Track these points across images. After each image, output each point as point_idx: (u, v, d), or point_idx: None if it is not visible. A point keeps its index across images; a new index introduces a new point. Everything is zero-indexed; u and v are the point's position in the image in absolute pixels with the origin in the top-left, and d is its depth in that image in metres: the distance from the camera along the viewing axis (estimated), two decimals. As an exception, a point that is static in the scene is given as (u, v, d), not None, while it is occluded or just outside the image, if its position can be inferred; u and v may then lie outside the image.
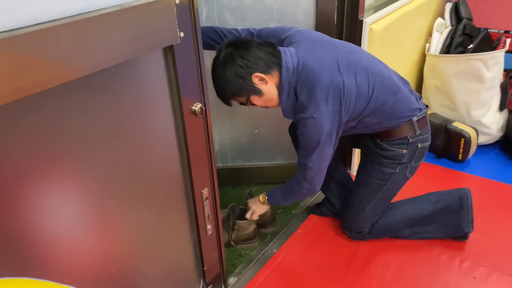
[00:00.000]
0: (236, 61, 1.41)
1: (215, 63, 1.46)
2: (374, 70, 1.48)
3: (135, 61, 0.98)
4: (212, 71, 1.48)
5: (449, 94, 2.38)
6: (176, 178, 1.22)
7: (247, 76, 1.42)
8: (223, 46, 1.45)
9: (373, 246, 1.76)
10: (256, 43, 1.44)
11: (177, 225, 1.29)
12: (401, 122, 1.54)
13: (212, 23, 1.73)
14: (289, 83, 1.44)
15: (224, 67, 1.42)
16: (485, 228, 1.82)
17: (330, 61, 1.43)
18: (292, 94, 1.46)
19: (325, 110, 1.40)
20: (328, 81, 1.40)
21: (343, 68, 1.43)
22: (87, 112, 0.90)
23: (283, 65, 1.43)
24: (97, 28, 0.82)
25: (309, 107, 1.41)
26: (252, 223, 1.78)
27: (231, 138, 2.05)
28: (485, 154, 2.36)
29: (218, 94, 1.51)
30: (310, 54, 1.45)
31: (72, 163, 0.90)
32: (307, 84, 1.42)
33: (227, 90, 1.46)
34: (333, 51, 1.47)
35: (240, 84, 1.43)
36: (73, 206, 0.94)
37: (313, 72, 1.41)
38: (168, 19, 0.99)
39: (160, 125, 1.11)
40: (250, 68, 1.41)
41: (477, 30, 2.45)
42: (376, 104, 1.48)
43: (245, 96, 1.47)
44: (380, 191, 1.67)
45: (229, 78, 1.42)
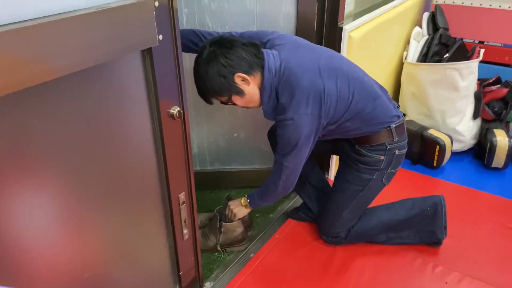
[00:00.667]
0: (219, 60, 1.41)
1: (198, 60, 1.45)
2: (354, 76, 1.50)
3: (113, 63, 0.97)
4: (195, 69, 1.47)
5: (425, 102, 2.42)
6: (152, 182, 1.20)
7: (229, 76, 1.42)
8: (207, 44, 1.45)
9: (349, 251, 1.78)
10: (240, 43, 1.44)
11: (153, 230, 1.27)
12: (380, 128, 1.56)
13: (192, 26, 1.72)
14: (271, 85, 1.45)
15: (207, 65, 1.42)
16: (458, 233, 1.86)
17: (311, 65, 1.45)
18: (274, 96, 1.46)
19: (304, 113, 1.41)
20: (309, 84, 1.41)
21: (324, 72, 1.44)
22: (61, 114, 0.88)
23: (265, 67, 1.43)
24: (73, 29, 0.81)
25: (289, 109, 1.42)
26: (239, 225, 1.76)
27: (210, 141, 2.04)
28: (459, 161, 2.41)
29: (199, 92, 1.51)
30: (293, 57, 1.46)
31: (44, 167, 0.88)
32: (288, 86, 1.42)
33: (209, 89, 1.46)
34: (314, 56, 1.49)
35: (222, 83, 1.43)
36: (44, 211, 0.92)
37: (294, 74, 1.42)
38: (147, 22, 0.98)
39: (137, 128, 1.10)
40: (232, 67, 1.41)
41: (453, 40, 2.51)
42: (356, 109, 1.49)
43: (227, 96, 1.47)
44: (357, 197, 1.68)
45: (212, 76, 1.42)
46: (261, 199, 1.67)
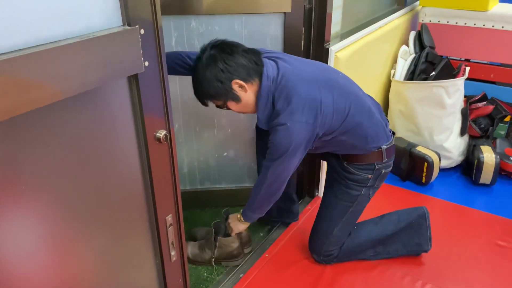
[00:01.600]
0: (218, 65, 1.42)
1: (197, 63, 1.46)
2: (350, 90, 1.53)
3: (99, 89, 0.98)
4: (193, 70, 1.48)
5: (413, 119, 2.46)
6: (139, 204, 1.21)
7: (226, 82, 1.43)
8: (208, 46, 1.46)
9: (338, 269, 1.78)
10: (241, 49, 1.45)
11: (140, 252, 1.28)
12: (372, 148, 1.59)
13: (182, 48, 1.75)
14: (268, 92, 1.45)
15: (206, 68, 1.43)
16: (447, 250, 1.87)
17: (309, 76, 1.47)
18: (270, 103, 1.47)
19: (299, 120, 1.41)
20: (306, 93, 1.42)
21: (321, 84, 1.46)
22: (47, 139, 0.90)
23: (264, 74, 1.45)
24: (59, 59, 0.83)
25: (284, 115, 1.42)
26: (235, 240, 1.77)
27: (200, 160, 2.05)
28: (447, 178, 2.44)
29: (195, 94, 1.52)
30: (290, 67, 1.48)
31: (30, 191, 0.89)
32: (285, 94, 1.43)
33: (205, 92, 1.47)
34: (311, 68, 1.52)
35: (218, 87, 1.44)
36: (30, 233, 0.92)
37: (292, 83, 1.43)
38: (133, 49, 1.00)
39: (124, 152, 1.11)
40: (230, 73, 1.42)
41: (439, 58, 2.55)
42: (352, 123, 1.51)
43: (222, 100, 1.48)
44: (347, 213, 1.70)
45: (209, 80, 1.43)
46: (252, 210, 1.66)
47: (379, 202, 1.79)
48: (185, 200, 1.49)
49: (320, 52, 1.89)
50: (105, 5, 0.94)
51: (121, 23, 0.98)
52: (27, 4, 0.77)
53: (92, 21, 0.91)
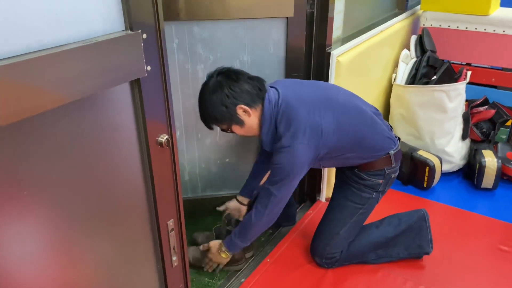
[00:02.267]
0: (223, 90, 1.49)
1: (204, 88, 1.53)
2: (351, 106, 1.57)
3: (101, 94, 0.98)
4: (200, 94, 1.55)
5: (414, 123, 2.46)
6: (140, 209, 1.20)
7: (231, 106, 1.49)
8: (214, 73, 1.53)
9: (340, 273, 1.78)
10: (246, 76, 1.53)
11: (142, 257, 1.27)
12: (380, 155, 1.62)
13: (183, 54, 1.73)
14: (270, 115, 1.51)
15: (212, 93, 1.50)
16: (448, 255, 1.86)
17: (308, 99, 1.53)
18: (273, 126, 1.53)
19: (301, 142, 1.46)
20: (306, 116, 1.48)
21: (321, 105, 1.51)
22: (49, 144, 0.89)
23: (266, 99, 1.51)
24: (61, 64, 0.82)
25: (286, 137, 1.47)
26: None
27: (202, 167, 2.04)
28: (448, 182, 2.43)
29: (201, 118, 1.59)
30: (290, 91, 1.55)
31: (31, 196, 0.88)
32: (286, 117, 1.49)
33: (211, 116, 1.54)
34: (310, 90, 1.58)
35: (224, 112, 1.50)
36: (31, 239, 0.92)
37: (292, 106, 1.49)
38: (135, 54, 1.00)
39: (125, 156, 1.10)
40: (235, 99, 1.49)
41: (440, 62, 2.55)
42: (356, 138, 1.55)
43: (227, 124, 1.55)
44: (356, 214, 1.71)
45: (215, 104, 1.50)
46: (242, 237, 1.62)
47: (381, 206, 1.78)
48: (187, 208, 1.49)
49: (321, 57, 1.89)
50: (107, 10, 0.94)
51: (123, 28, 0.98)
52: (28, 9, 0.77)
53: (94, 25, 0.91)
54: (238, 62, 1.81)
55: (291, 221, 2.07)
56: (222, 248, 1.68)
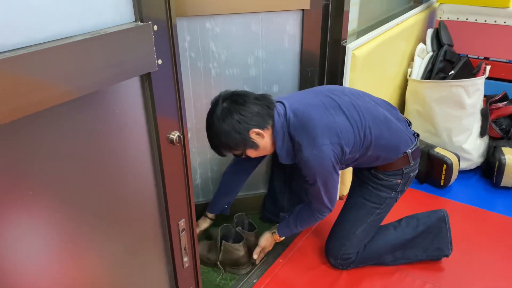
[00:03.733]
0: (233, 117, 1.43)
1: (212, 116, 1.47)
2: (359, 104, 1.51)
3: (110, 89, 0.93)
4: (208, 124, 1.50)
5: (430, 120, 2.38)
6: (151, 209, 1.16)
7: (244, 132, 1.44)
8: (219, 99, 1.47)
9: (355, 275, 1.72)
10: (252, 97, 1.47)
11: (152, 258, 1.23)
12: (399, 154, 1.57)
13: (195, 51, 1.67)
14: (282, 127, 1.47)
15: (222, 122, 1.44)
16: (467, 256, 1.80)
17: (315, 102, 1.49)
18: (287, 137, 1.48)
19: (323, 143, 1.41)
20: (319, 118, 1.44)
21: (329, 106, 1.47)
22: (57, 142, 0.85)
23: (275, 113, 1.47)
24: (68, 56, 0.78)
25: (306, 145, 1.43)
26: (240, 248, 1.71)
27: (214, 170, 1.97)
28: (466, 180, 2.36)
29: (212, 146, 1.55)
30: (295, 100, 1.51)
31: (39, 195, 0.84)
32: (300, 125, 1.45)
33: (223, 144, 1.49)
34: (314, 94, 1.54)
35: (237, 139, 1.45)
36: (39, 240, 0.88)
37: (302, 113, 1.45)
38: (146, 47, 0.95)
39: (135, 154, 1.06)
40: (247, 124, 1.44)
41: (457, 56, 2.48)
42: (371, 136, 1.49)
43: (241, 150, 1.49)
44: (373, 214, 1.66)
45: (227, 132, 1.44)
46: (299, 227, 1.68)
47: (397, 205, 1.72)
48: (198, 212, 1.44)
49: (336, 50, 1.83)
50: (117, 0, 0.89)
51: (133, 19, 0.93)
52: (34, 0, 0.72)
53: (103, 17, 0.86)
54: (252, 58, 1.75)
55: None
56: (275, 232, 1.71)
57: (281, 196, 1.96)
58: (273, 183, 1.97)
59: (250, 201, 2.08)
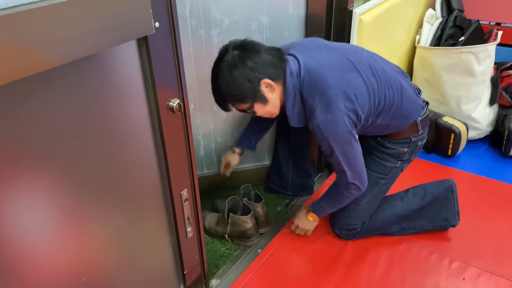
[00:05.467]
0: (246, 64, 1.33)
1: (220, 64, 1.36)
2: (379, 70, 1.44)
3: (106, 54, 0.89)
4: (215, 74, 1.38)
5: (439, 88, 2.32)
6: (153, 178, 1.13)
7: (256, 81, 1.34)
8: (229, 47, 1.36)
9: (361, 245, 1.71)
10: (265, 48, 1.37)
11: (155, 228, 1.21)
12: (409, 122, 1.51)
13: (196, 18, 1.60)
14: (294, 88, 1.38)
15: (233, 69, 1.33)
16: (475, 226, 1.78)
17: (331, 62, 1.39)
18: (298, 100, 1.39)
19: (338, 109, 1.33)
20: (335, 81, 1.34)
21: (346, 68, 1.38)
22: (52, 109, 0.82)
23: (287, 71, 1.37)
24: (59, 18, 0.73)
25: (319, 109, 1.34)
26: (247, 220, 1.69)
27: (217, 141, 1.93)
28: (474, 150, 2.32)
29: (217, 98, 1.43)
30: (310, 57, 1.40)
31: (36, 165, 0.82)
32: (314, 87, 1.35)
33: (232, 94, 1.37)
34: (331, 54, 1.43)
35: (247, 89, 1.34)
36: (39, 211, 0.86)
37: (317, 74, 1.36)
38: (141, 8, 0.90)
39: (135, 123, 1.03)
40: (260, 73, 1.34)
41: (468, 22, 2.39)
42: (384, 103, 1.43)
43: (249, 103, 1.39)
44: (378, 185, 1.63)
45: (237, 80, 1.33)
46: (333, 206, 1.61)
47: (403, 176, 1.69)
48: (203, 185, 1.40)
49: (343, 15, 1.76)
50: (109, -43, 0.83)
51: (128, -21, 0.88)
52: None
53: (95, -25, 0.81)
54: (256, 24, 1.68)
55: (309, 191, 2.00)
56: (309, 211, 1.66)
57: (285, 168, 1.93)
58: (278, 154, 1.94)
59: (255, 173, 2.06)
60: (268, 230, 1.79)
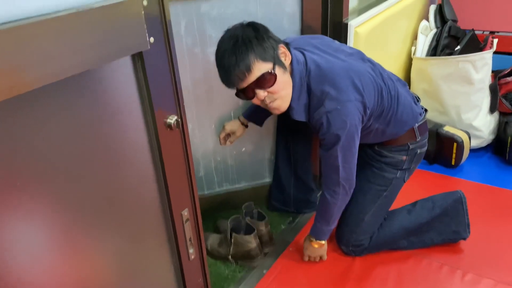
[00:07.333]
0: (265, 27, 1.33)
1: (236, 30, 1.31)
2: (378, 68, 1.45)
3: (100, 70, 0.87)
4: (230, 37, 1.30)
5: (438, 98, 2.31)
6: (152, 199, 1.10)
7: (274, 44, 1.31)
8: (238, 26, 1.33)
9: (369, 260, 1.66)
10: None
11: (155, 250, 1.17)
12: (405, 128, 1.49)
13: (192, 36, 1.59)
14: (300, 78, 1.35)
15: (251, 27, 1.30)
16: (485, 236, 1.73)
17: (337, 55, 1.40)
18: (304, 91, 1.36)
19: (348, 99, 1.31)
20: (344, 71, 1.33)
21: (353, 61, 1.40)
22: (44, 129, 0.79)
23: (293, 58, 1.34)
24: (51, 34, 0.71)
25: (329, 99, 1.31)
26: (251, 240, 1.64)
27: (217, 160, 1.90)
28: (477, 158, 2.29)
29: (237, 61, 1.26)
30: (315, 54, 1.39)
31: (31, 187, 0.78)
32: (323, 76, 1.33)
33: (254, 49, 1.26)
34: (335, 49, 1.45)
35: (269, 44, 1.29)
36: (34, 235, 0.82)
37: (325, 65, 1.35)
38: (136, 23, 0.88)
39: (132, 141, 1.00)
40: (275, 40, 1.32)
41: (462, 32, 2.39)
42: (384, 104, 1.42)
43: (271, 62, 1.29)
44: (380, 197, 1.59)
45: (259, 37, 1.28)
46: (327, 222, 1.54)
47: (407, 188, 1.66)
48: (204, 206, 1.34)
49: (338, 28, 1.75)
50: (101, -27, 0.82)
51: (121, -6, 0.86)
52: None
53: (88, -8, 0.80)
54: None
55: (312, 207, 1.96)
56: (310, 238, 1.60)
57: (287, 183, 1.89)
58: (278, 170, 1.91)
59: (256, 191, 2.02)
60: (272, 249, 1.74)
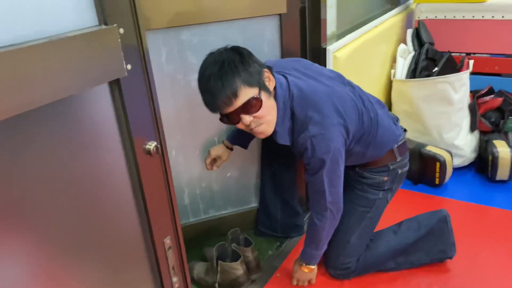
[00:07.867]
0: (250, 53, 1.33)
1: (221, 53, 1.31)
2: (358, 92, 1.47)
3: (77, 98, 0.87)
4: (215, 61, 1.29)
5: (419, 118, 2.34)
6: (133, 227, 1.08)
7: (259, 68, 1.31)
8: (222, 50, 1.33)
9: (357, 283, 1.64)
10: None
11: (138, 281, 1.14)
12: (384, 150, 1.50)
13: (174, 64, 1.61)
14: (284, 102, 1.36)
15: (239, 55, 1.29)
16: (472, 255, 1.73)
17: (319, 79, 1.42)
18: (288, 115, 1.36)
19: (331, 124, 1.32)
20: (326, 96, 1.35)
21: (334, 86, 1.42)
22: (19, 157, 0.77)
23: (276, 82, 1.35)
24: (26, 61, 0.71)
25: (313, 124, 1.32)
26: (238, 267, 1.61)
27: (202, 187, 1.88)
28: (461, 177, 2.31)
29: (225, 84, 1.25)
30: (297, 78, 1.41)
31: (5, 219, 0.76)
32: (306, 101, 1.34)
33: (240, 73, 1.25)
34: (316, 73, 1.46)
35: (255, 71, 1.28)
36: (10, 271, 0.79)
37: (308, 89, 1.36)
38: (112, 51, 0.89)
39: (110, 168, 0.98)
40: (260, 65, 1.32)
41: (440, 54, 2.46)
42: (365, 127, 1.43)
43: (257, 87, 1.28)
44: (364, 219, 1.58)
45: (246, 61, 1.28)
46: (316, 246, 1.52)
47: (393, 209, 1.66)
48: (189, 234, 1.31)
49: (317, 53, 1.79)
50: (77, 2, 0.83)
51: (97, 23, 0.87)
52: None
53: (63, 20, 0.81)
54: (232, 66, 1.69)
55: (299, 231, 1.94)
56: (300, 262, 1.58)
57: (273, 207, 1.88)
58: (265, 195, 1.90)
59: (243, 217, 2.00)
60: (260, 276, 1.71)
